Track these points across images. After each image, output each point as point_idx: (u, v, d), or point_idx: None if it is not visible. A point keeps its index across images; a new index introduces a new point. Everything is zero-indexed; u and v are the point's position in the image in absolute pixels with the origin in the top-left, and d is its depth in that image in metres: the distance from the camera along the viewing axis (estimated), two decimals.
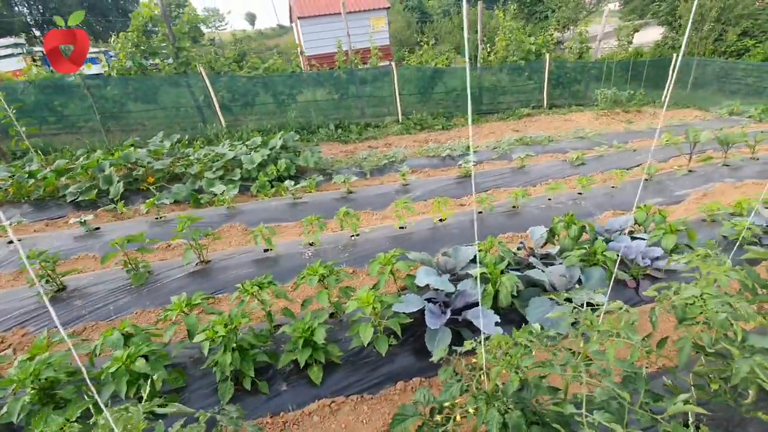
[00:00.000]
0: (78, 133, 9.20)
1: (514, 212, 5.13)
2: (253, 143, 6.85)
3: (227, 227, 5.18)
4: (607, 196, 5.50)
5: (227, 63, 11.26)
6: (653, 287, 2.12)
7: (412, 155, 8.22)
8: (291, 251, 4.34)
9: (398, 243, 4.56)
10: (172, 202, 5.98)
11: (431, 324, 2.78)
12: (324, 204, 5.82)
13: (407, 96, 12.11)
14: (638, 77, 14.50)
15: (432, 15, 38.04)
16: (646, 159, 7.28)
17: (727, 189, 5.73)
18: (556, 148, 8.41)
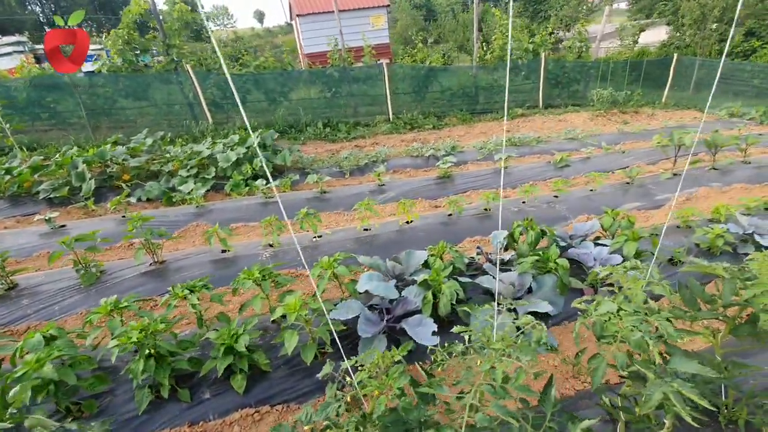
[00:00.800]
0: (65, 130, 9.21)
1: (485, 215, 4.99)
2: (231, 141, 6.78)
3: (193, 226, 5.11)
4: (585, 200, 5.33)
5: (218, 60, 11.22)
6: (579, 300, 1.98)
7: (397, 155, 8.10)
8: (249, 252, 4.26)
9: (361, 245, 4.46)
10: (145, 199, 5.94)
11: (363, 332, 2.67)
12: (296, 204, 5.72)
13: (402, 95, 11.98)
14: (640, 77, 14.21)
15: (440, 13, 37.77)
16: (634, 161, 7.07)
17: (711, 193, 5.52)
18: (544, 149, 8.22)
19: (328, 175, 7.07)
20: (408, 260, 3.49)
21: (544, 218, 4.91)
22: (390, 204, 5.81)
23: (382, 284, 3.06)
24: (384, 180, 6.14)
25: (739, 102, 11.77)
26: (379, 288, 2.98)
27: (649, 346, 1.65)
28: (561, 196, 5.33)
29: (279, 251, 4.28)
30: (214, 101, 10.21)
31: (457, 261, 3.25)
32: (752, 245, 3.80)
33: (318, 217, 4.36)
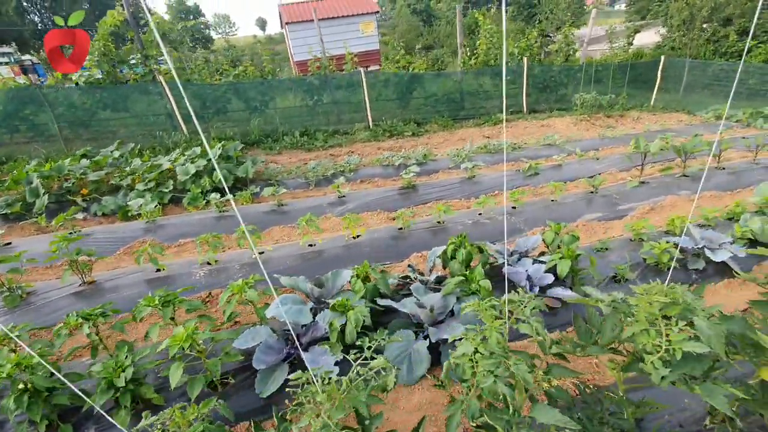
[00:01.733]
0: (38, 142, 9.20)
1: (438, 228, 4.83)
2: (194, 153, 6.69)
3: (139, 243, 5.00)
4: (544, 211, 5.14)
5: (198, 70, 11.21)
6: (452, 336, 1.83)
7: (368, 164, 7.97)
8: (185, 271, 4.13)
9: (304, 262, 4.32)
10: (101, 214, 5.86)
11: (259, 363, 2.53)
12: (251, 217, 5.60)
13: (385, 101, 11.87)
14: (630, 80, 13.97)
15: (440, 18, 37.73)
16: (607, 168, 6.87)
17: (679, 202, 5.31)
18: (520, 155, 8.04)
19: (294, 187, 6.98)
20: (334, 281, 3.34)
21: (497, 231, 4.74)
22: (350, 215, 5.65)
23: (295, 308, 2.91)
24: (344, 191, 6.00)
25: (726, 104, 11.50)
26: (289, 312, 2.84)
27: (505, 392, 1.49)
28: (520, 207, 5.15)
29: (216, 269, 4.14)
30: (194, 111, 10.17)
31: (380, 282, 3.10)
32: (703, 260, 3.60)
33: (258, 234, 4.23)
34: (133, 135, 9.92)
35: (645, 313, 1.57)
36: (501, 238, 4.68)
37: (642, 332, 1.61)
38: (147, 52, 10.37)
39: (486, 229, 4.79)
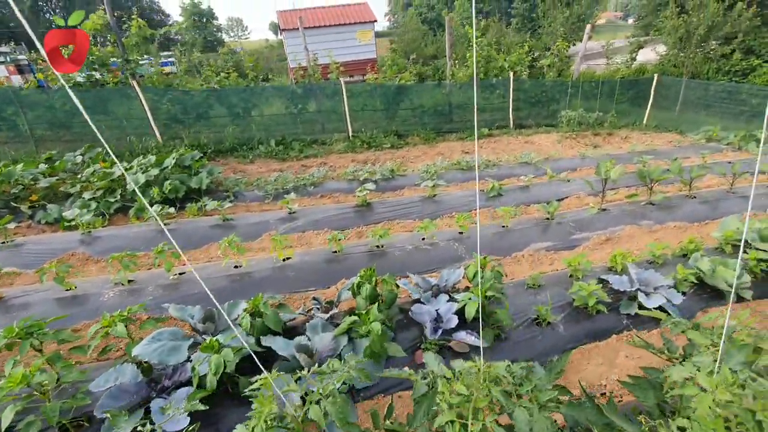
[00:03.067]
0: (12, 143, 9.18)
1: (377, 252, 4.59)
2: (148, 161, 6.55)
3: (68, 255, 4.84)
4: (493, 237, 4.87)
5: (179, 75, 11.16)
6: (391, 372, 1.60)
7: (335, 177, 7.77)
8: (95, 291, 3.94)
9: (231, 283, 4.11)
10: (44, 222, 5.72)
11: (102, 408, 2.30)
12: (194, 232, 5.42)
13: (371, 112, 11.72)
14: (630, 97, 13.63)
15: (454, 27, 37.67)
16: (575, 191, 6.57)
17: (637, 233, 5.00)
18: (492, 174, 7.78)
19: (251, 199, 6.80)
20: (230, 312, 3.12)
21: (438, 259, 4.48)
22: (294, 234, 5.45)
23: (170, 345, 2.69)
24: (294, 208, 5.79)
25: (731, 124, 11.13)
26: (159, 351, 2.62)
27: None
28: (468, 232, 4.88)
29: (129, 290, 3.94)
30: (171, 117, 10.11)
31: (269, 319, 2.87)
32: (637, 305, 3.31)
33: (175, 253, 4.02)
34: (109, 139, 9.88)
35: (446, 403, 1.32)
36: (440, 266, 4.43)
37: (449, 424, 1.36)
38: (128, 56, 10.34)
39: (426, 256, 4.54)
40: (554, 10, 17.31)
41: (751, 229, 4.14)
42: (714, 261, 3.68)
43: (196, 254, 5.02)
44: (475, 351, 3.01)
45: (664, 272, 3.83)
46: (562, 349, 3.09)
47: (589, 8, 17.15)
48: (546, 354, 3.05)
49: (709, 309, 3.47)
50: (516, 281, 3.81)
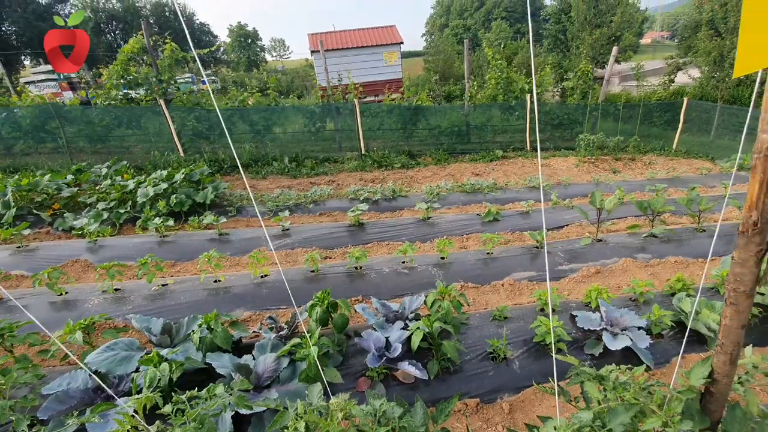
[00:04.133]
0: (57, 154, 10.05)
1: (355, 274, 4.61)
2: (159, 175, 6.97)
3: (71, 262, 5.19)
4: (476, 264, 4.77)
5: (204, 95, 11.86)
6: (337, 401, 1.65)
7: (339, 195, 7.91)
8: (84, 297, 4.19)
9: (208, 297, 4.26)
10: (61, 230, 6.19)
11: (46, 412, 2.44)
12: (190, 245, 5.67)
13: (387, 131, 11.94)
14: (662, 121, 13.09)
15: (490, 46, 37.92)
16: (578, 219, 6.34)
17: (632, 267, 4.74)
18: (496, 197, 7.66)
19: (252, 215, 7.04)
20: (189, 326, 3.24)
21: (415, 283, 4.45)
22: (284, 250, 5.58)
23: (122, 355, 2.83)
24: (287, 225, 5.95)
25: None
26: (110, 360, 2.76)
27: None
28: (450, 257, 4.82)
29: (114, 298, 4.17)
30: (197, 133, 10.75)
31: (218, 336, 2.95)
32: (602, 345, 3.13)
33: (159, 265, 4.24)
34: (138, 153, 10.62)
35: None
36: (415, 291, 4.39)
37: None
38: (161, 77, 11.14)
39: (402, 280, 4.52)
40: (583, 32, 17.01)
41: None
42: (700, 303, 3.43)
43: (187, 266, 5.25)
44: (423, 382, 2.95)
45: (645, 312, 3.61)
46: (514, 387, 2.97)
47: (619, 30, 16.71)
48: (496, 391, 2.94)
49: (688, 355, 3.22)
50: (483, 312, 3.71)
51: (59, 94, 15.80)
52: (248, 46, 72.79)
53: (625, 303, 3.77)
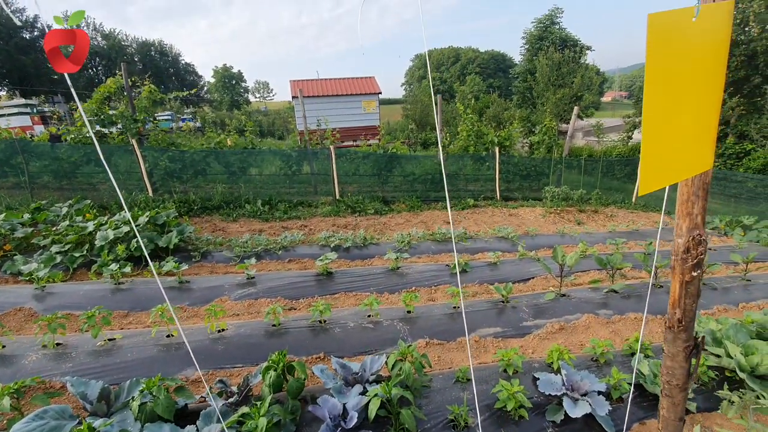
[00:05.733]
0: (16, 190, 9.62)
1: (319, 328, 4.46)
2: (123, 218, 6.74)
3: (14, 311, 4.83)
4: (442, 319, 4.72)
5: (182, 135, 11.84)
6: None
7: (309, 241, 7.82)
8: (22, 353, 3.85)
9: (158, 353, 3.99)
10: (9, 273, 5.80)
11: None
12: (147, 293, 5.40)
13: (362, 177, 12.13)
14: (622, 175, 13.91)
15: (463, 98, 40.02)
16: (543, 272, 6.46)
17: (594, 323, 4.80)
18: (467, 247, 7.76)
19: (219, 260, 6.83)
20: (130, 391, 3.00)
21: (380, 339, 4.34)
22: (246, 300, 5.39)
23: (52, 424, 2.56)
24: (253, 273, 5.78)
25: (722, 207, 11.12)
26: None
27: None
28: (416, 311, 4.76)
29: (55, 354, 3.86)
30: (169, 173, 10.59)
31: (159, 405, 2.73)
32: (563, 412, 3.08)
33: (107, 318, 3.98)
34: (105, 191, 10.31)
35: None
36: (380, 347, 4.28)
37: None
38: (137, 116, 11.09)
39: (367, 336, 4.40)
40: (547, 92, 18.29)
41: (704, 329, 3.95)
42: (656, 364, 3.47)
43: (141, 317, 4.97)
44: None
45: (606, 372, 3.62)
46: None
47: (580, 91, 18.08)
48: None
49: (648, 420, 3.21)
50: (447, 372, 3.62)
51: (30, 128, 15.41)
52: (232, 87, 74.38)
53: (586, 363, 3.77)
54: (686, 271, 1.09)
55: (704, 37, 0.82)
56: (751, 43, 15.97)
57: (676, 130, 0.88)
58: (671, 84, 0.83)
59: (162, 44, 69.26)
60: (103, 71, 57.58)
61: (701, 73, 0.85)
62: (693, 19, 0.80)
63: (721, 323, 4.15)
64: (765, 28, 15.72)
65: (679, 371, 1.24)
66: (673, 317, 1.18)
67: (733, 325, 3.89)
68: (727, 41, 0.86)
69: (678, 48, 0.80)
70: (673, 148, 0.89)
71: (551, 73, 17.83)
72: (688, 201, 1.05)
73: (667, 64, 0.80)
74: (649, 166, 0.89)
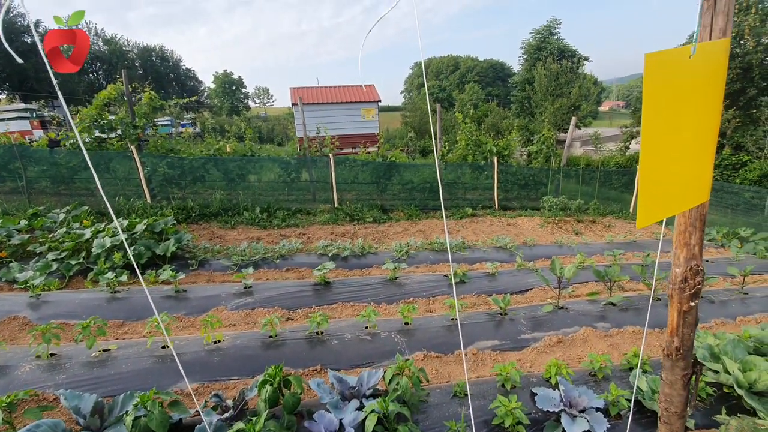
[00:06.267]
0: (8, 194, 9.59)
1: (316, 339, 4.44)
2: (121, 225, 6.71)
3: (9, 319, 4.78)
4: (440, 331, 4.71)
5: (181, 141, 11.85)
6: None
7: (307, 250, 7.81)
8: (15, 363, 3.81)
9: (153, 365, 3.95)
10: (4, 281, 5.75)
11: None
12: (143, 302, 5.36)
13: (361, 185, 12.15)
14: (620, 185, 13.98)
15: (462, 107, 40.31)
16: (541, 283, 6.45)
17: (592, 336, 4.79)
18: (465, 257, 7.75)
19: (216, 269, 6.81)
20: (124, 405, 2.97)
21: (377, 352, 4.32)
22: (243, 311, 5.35)
23: None
24: (250, 282, 5.76)
25: (719, 218, 11.18)
26: None
27: None
28: (414, 323, 4.74)
29: (49, 365, 3.82)
30: (168, 180, 10.58)
31: (153, 420, 2.70)
32: (561, 428, 3.06)
33: (102, 329, 3.95)
34: (111, 194, 10.28)
35: None
36: (377, 360, 4.26)
37: None
38: (137, 123, 11.11)
39: (364, 348, 4.37)
40: (545, 102, 18.43)
41: (701, 344, 3.95)
42: (655, 380, 3.46)
43: (136, 327, 4.93)
44: None
45: (604, 388, 3.60)
46: None
47: (578, 101, 18.22)
48: None
49: None
50: (445, 386, 3.60)
51: (29, 132, 15.41)
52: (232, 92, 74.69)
53: (584, 378, 3.76)
54: (684, 301, 1.09)
55: (701, 73, 0.83)
56: (747, 56, 16.17)
57: (674, 164, 0.89)
58: (668, 120, 0.84)
59: (163, 49, 69.64)
60: (104, 76, 57.78)
61: (698, 108, 0.86)
62: (690, 57, 0.81)
63: (719, 338, 4.15)
64: (760, 41, 15.93)
65: (677, 399, 1.23)
66: (671, 345, 1.18)
67: (730, 340, 3.89)
68: (723, 76, 0.87)
69: (675, 85, 0.81)
70: (670, 182, 0.90)
71: (549, 83, 18.00)
72: (686, 231, 1.05)
73: (664, 100, 0.81)
74: (647, 200, 0.90)
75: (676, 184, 0.91)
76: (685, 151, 0.89)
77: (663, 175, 0.89)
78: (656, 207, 0.90)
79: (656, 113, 0.83)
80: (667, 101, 0.82)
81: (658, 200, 0.89)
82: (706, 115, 0.88)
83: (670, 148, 0.87)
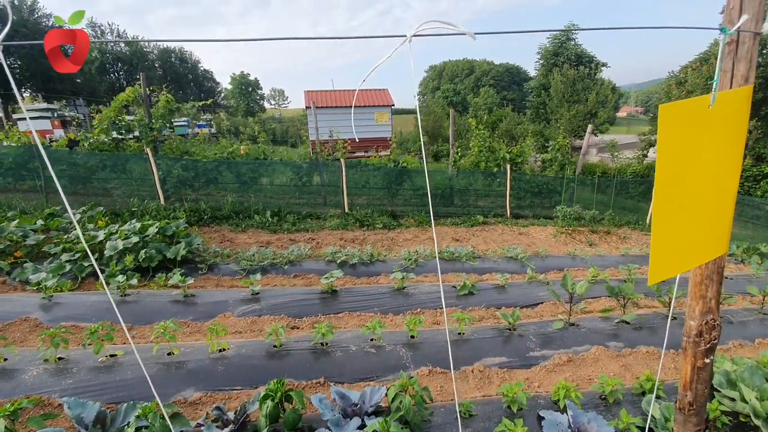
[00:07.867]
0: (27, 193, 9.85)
1: (320, 350, 4.41)
2: (132, 228, 6.81)
3: (20, 320, 4.87)
4: (445, 346, 4.62)
5: (196, 143, 12.01)
6: None
7: (315, 256, 7.80)
8: (23, 366, 3.87)
9: (159, 372, 3.97)
10: (18, 281, 5.88)
11: None
12: (152, 306, 5.42)
13: (374, 189, 12.13)
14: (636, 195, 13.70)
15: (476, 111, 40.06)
16: (551, 298, 6.30)
17: (603, 356, 4.65)
18: (474, 267, 7.65)
19: (225, 273, 6.85)
20: (126, 415, 2.97)
21: (381, 366, 4.26)
22: (250, 317, 5.36)
23: None
24: (257, 288, 5.77)
25: (740, 232, 10.84)
26: None
27: None
28: (420, 336, 4.67)
29: (57, 369, 3.86)
30: (182, 181, 10.73)
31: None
32: None
33: (110, 335, 3.99)
34: (121, 196, 10.48)
35: None
36: (381, 374, 4.20)
37: None
38: (153, 125, 11.31)
39: (368, 361, 4.32)
40: (561, 108, 18.16)
41: (718, 370, 3.79)
42: (668, 408, 3.33)
43: (144, 331, 4.97)
44: None
45: (615, 413, 3.48)
46: None
47: (595, 108, 17.90)
48: None
49: None
50: (449, 405, 3.52)
51: (50, 132, 15.84)
52: (248, 93, 75.72)
53: (594, 401, 3.64)
54: (699, 356, 1.02)
55: (721, 123, 0.77)
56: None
57: (690, 217, 0.82)
58: (685, 171, 0.78)
59: (182, 51, 70.99)
60: (125, 76, 59.16)
61: (717, 158, 0.80)
62: (709, 107, 0.75)
63: (737, 363, 3.98)
64: None
65: None
66: (684, 399, 1.10)
67: (748, 366, 3.72)
68: (745, 125, 0.81)
69: (692, 136, 0.75)
70: (685, 235, 0.83)
71: (566, 89, 17.72)
72: (702, 284, 0.98)
73: (681, 152, 0.75)
74: (660, 255, 0.84)
75: (692, 237, 0.85)
76: (703, 202, 0.83)
77: (678, 229, 0.83)
78: (670, 262, 0.83)
79: (671, 165, 0.77)
80: (684, 152, 0.76)
81: (672, 255, 0.83)
82: (726, 166, 0.81)
83: (686, 201, 0.81)
